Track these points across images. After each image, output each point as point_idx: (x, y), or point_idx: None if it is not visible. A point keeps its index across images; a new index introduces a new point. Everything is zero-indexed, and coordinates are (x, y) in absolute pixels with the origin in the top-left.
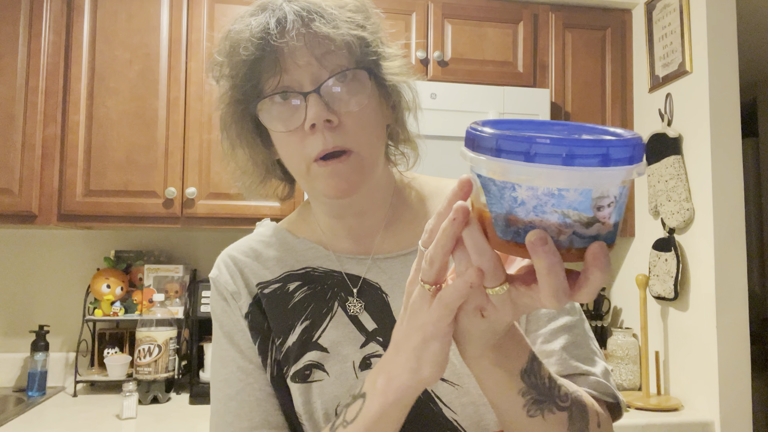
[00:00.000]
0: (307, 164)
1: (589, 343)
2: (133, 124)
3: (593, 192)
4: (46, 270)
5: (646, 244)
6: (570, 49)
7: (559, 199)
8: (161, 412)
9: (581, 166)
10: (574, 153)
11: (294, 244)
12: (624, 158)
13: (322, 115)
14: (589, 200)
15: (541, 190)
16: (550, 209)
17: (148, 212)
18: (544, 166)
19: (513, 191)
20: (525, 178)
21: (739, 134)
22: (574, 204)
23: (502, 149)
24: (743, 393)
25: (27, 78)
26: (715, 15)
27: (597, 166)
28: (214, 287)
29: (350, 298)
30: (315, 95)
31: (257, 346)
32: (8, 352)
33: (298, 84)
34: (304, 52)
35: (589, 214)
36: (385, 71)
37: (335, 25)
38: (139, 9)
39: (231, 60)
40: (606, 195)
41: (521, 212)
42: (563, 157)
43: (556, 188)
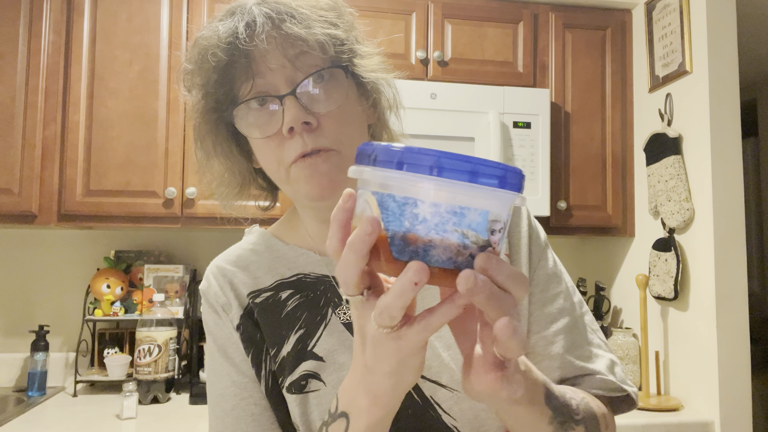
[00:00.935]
0: (286, 169)
1: (589, 339)
2: (133, 124)
3: (490, 214)
4: (46, 270)
5: (646, 244)
6: (570, 49)
7: (461, 217)
8: (161, 412)
9: (484, 185)
10: (478, 171)
11: (284, 252)
12: (516, 184)
13: (300, 118)
14: (486, 222)
15: (444, 207)
16: (452, 228)
17: (148, 212)
18: (451, 181)
19: (415, 207)
20: (431, 193)
21: (739, 134)
22: (473, 224)
23: (406, 162)
24: (743, 393)
25: (27, 78)
26: (715, 15)
27: (497, 187)
28: (205, 300)
29: (342, 304)
30: (291, 98)
31: (250, 358)
32: (8, 352)
33: (273, 88)
34: (277, 54)
35: (485, 236)
36: (362, 69)
37: (307, 25)
38: (139, 9)
39: (200, 68)
40: (499, 219)
41: (422, 230)
42: (469, 173)
43: (458, 206)
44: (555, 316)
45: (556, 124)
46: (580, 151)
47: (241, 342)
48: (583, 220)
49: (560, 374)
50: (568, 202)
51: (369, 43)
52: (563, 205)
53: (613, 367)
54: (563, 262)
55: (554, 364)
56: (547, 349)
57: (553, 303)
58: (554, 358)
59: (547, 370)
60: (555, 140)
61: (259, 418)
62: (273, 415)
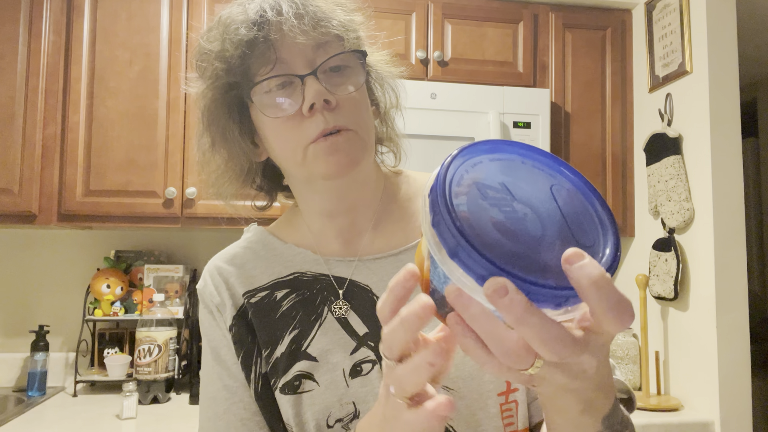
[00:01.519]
0: (304, 149)
1: None
2: (133, 124)
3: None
4: (46, 270)
5: (646, 244)
6: (570, 49)
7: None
8: (161, 412)
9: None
10: (530, 293)
11: (281, 250)
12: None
13: (322, 94)
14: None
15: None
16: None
17: (148, 212)
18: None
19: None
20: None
21: (739, 134)
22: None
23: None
24: (743, 393)
25: (27, 78)
26: (715, 15)
27: (551, 308)
28: (201, 300)
29: (336, 301)
30: (312, 77)
31: (240, 360)
32: (8, 352)
33: (291, 68)
34: (299, 36)
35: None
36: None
37: (330, 8)
38: (139, 9)
39: (223, 44)
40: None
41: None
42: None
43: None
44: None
45: (556, 124)
46: (580, 151)
47: (232, 344)
48: None
49: None
50: None
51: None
52: None
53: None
54: None
55: None
56: None
57: None
58: None
59: None
60: (555, 140)
61: (248, 423)
62: (262, 420)
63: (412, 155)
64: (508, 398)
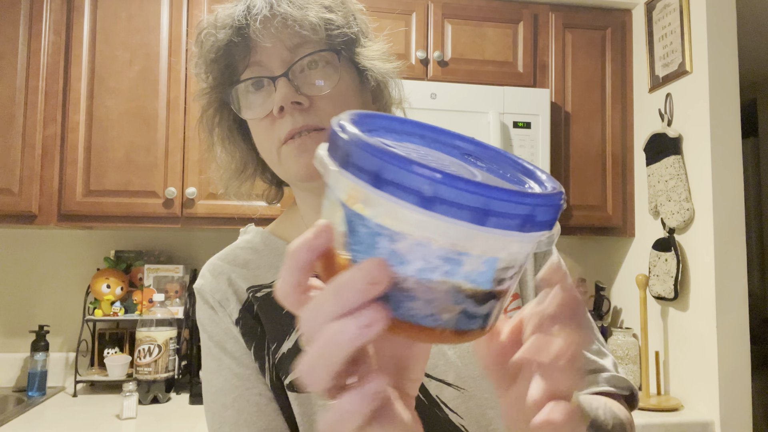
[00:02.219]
0: (277, 150)
1: (597, 336)
2: (133, 124)
3: (499, 261)
4: (46, 270)
5: (646, 244)
6: (570, 49)
7: (456, 265)
8: (161, 412)
9: (497, 228)
10: (490, 209)
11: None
12: (547, 221)
13: (290, 97)
14: (492, 271)
15: (434, 250)
16: (441, 277)
17: (148, 212)
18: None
19: (392, 242)
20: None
21: (739, 134)
22: (473, 275)
23: (386, 179)
24: (743, 393)
25: (27, 78)
26: (715, 15)
27: (516, 231)
28: (200, 297)
29: None
30: (283, 79)
31: (253, 351)
32: (8, 352)
33: (268, 70)
34: (271, 36)
35: (488, 287)
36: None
37: (301, 6)
38: (139, 9)
39: (200, 49)
40: (512, 265)
41: (399, 273)
42: (476, 211)
43: (456, 251)
44: None
45: (556, 124)
46: (580, 151)
47: (241, 336)
48: (583, 220)
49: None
50: (568, 202)
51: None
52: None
53: (615, 365)
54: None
55: None
56: None
57: None
58: None
59: None
60: (555, 140)
61: (265, 408)
62: (278, 408)
63: None
64: None
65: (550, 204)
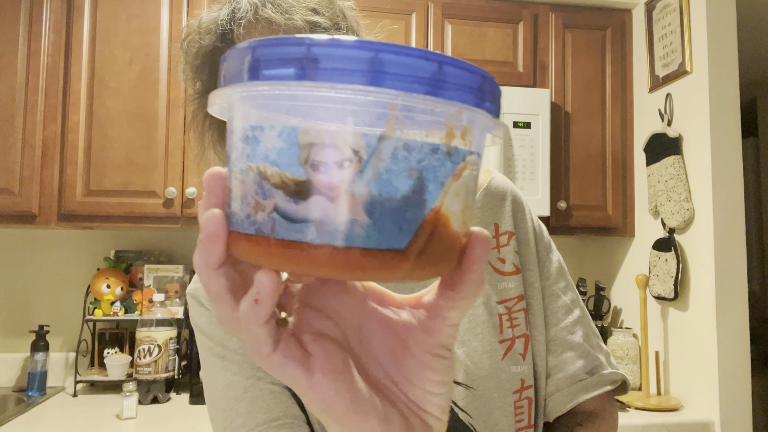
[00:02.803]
0: None
1: (596, 331)
2: (133, 124)
3: (301, 133)
4: (46, 270)
5: (646, 244)
6: (570, 49)
7: (254, 144)
8: (161, 412)
9: (276, 79)
10: (260, 58)
11: None
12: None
13: None
14: (294, 146)
15: (237, 132)
16: (244, 165)
17: (148, 212)
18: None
19: (229, 137)
20: (216, 109)
21: (739, 134)
22: (271, 154)
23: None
24: (743, 393)
25: (27, 78)
26: (715, 15)
27: (295, 80)
28: (194, 300)
29: None
30: None
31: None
32: (8, 352)
33: None
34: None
35: (296, 173)
36: None
37: (285, 11)
38: (139, 9)
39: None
40: (327, 142)
41: (228, 174)
42: (252, 65)
43: (249, 125)
44: (570, 307)
45: (556, 124)
46: (580, 151)
47: None
48: (583, 220)
49: (584, 363)
50: (568, 202)
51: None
52: (563, 205)
53: (609, 356)
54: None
55: (577, 353)
56: (568, 338)
57: (566, 294)
58: (577, 347)
59: (570, 360)
60: (555, 140)
61: (280, 395)
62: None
63: None
64: (521, 396)
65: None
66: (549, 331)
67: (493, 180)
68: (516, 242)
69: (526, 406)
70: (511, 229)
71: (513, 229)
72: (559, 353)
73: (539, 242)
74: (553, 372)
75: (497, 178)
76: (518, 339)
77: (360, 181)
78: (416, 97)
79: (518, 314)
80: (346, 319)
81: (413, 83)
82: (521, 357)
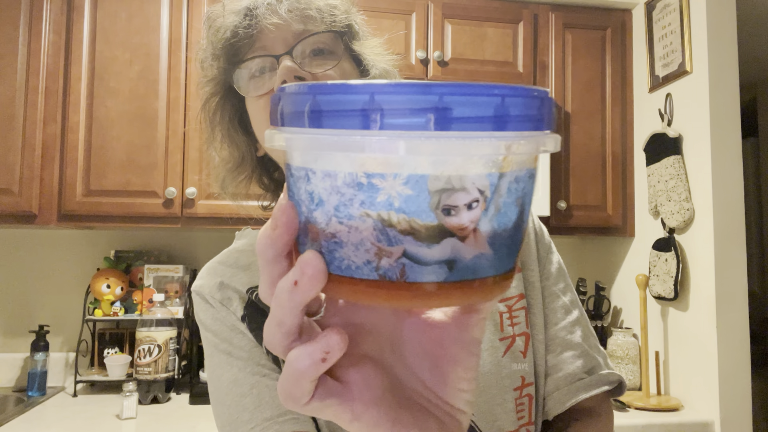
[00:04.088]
0: None
1: (593, 332)
2: (133, 124)
3: (431, 180)
4: (46, 270)
5: (646, 244)
6: (570, 49)
7: (371, 191)
8: (161, 412)
9: (398, 129)
10: (382, 105)
11: None
12: (491, 117)
13: (292, 72)
14: (425, 193)
15: (343, 177)
16: (358, 210)
17: (148, 212)
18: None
19: (307, 182)
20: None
21: (739, 134)
22: (398, 201)
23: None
24: (743, 393)
25: (27, 78)
26: (715, 15)
27: (424, 130)
28: (199, 297)
29: None
30: (287, 56)
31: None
32: (8, 352)
33: (272, 51)
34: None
35: (428, 219)
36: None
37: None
38: (139, 9)
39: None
40: (457, 186)
41: (320, 218)
42: (364, 111)
43: (363, 172)
44: (569, 308)
45: (556, 123)
46: (580, 151)
47: (249, 331)
48: (583, 220)
49: (582, 363)
50: (568, 202)
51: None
52: (563, 205)
53: (606, 357)
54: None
55: (576, 353)
56: (567, 338)
57: (565, 295)
58: (576, 346)
59: (569, 359)
60: None
61: None
62: None
63: None
64: (522, 393)
65: (481, 93)
66: (548, 331)
67: None
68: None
69: (527, 404)
70: None
71: None
72: (558, 352)
73: (540, 242)
74: (552, 371)
75: None
76: (519, 337)
77: (485, 218)
78: (527, 134)
79: (519, 312)
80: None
81: (526, 122)
82: (522, 354)
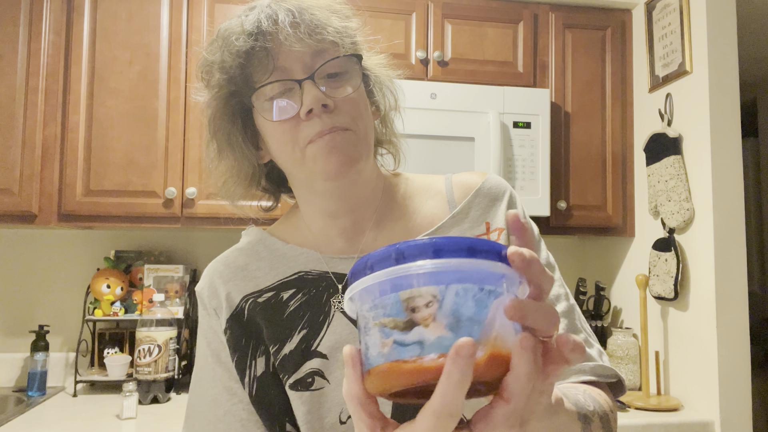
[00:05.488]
0: (302, 149)
1: (583, 326)
2: (133, 124)
3: (402, 294)
4: (46, 270)
5: (646, 244)
6: (570, 49)
7: (376, 310)
8: (161, 412)
9: (381, 269)
10: (371, 259)
11: (284, 251)
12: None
13: (320, 100)
14: (399, 303)
15: (365, 307)
16: (372, 324)
17: (148, 212)
18: (362, 278)
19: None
20: (356, 298)
21: (739, 134)
22: (388, 310)
23: (352, 273)
24: (743, 393)
25: (27, 78)
26: (715, 15)
27: (385, 269)
28: (200, 301)
29: (336, 295)
30: (310, 81)
31: (235, 363)
32: (8, 352)
33: (291, 75)
34: (296, 44)
35: (403, 317)
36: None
37: (325, 16)
38: (139, 9)
39: (224, 54)
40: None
41: (362, 343)
42: (367, 265)
43: (371, 300)
44: (553, 301)
45: (556, 124)
46: (580, 151)
47: (228, 347)
48: (583, 220)
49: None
50: (568, 202)
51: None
52: (563, 205)
53: (601, 354)
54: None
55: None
56: None
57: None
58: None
59: None
60: (555, 140)
61: (247, 423)
62: (259, 421)
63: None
64: None
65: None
66: None
67: (487, 182)
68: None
69: None
70: (501, 226)
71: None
72: None
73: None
74: None
75: (491, 180)
76: None
77: (440, 312)
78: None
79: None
80: None
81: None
82: None
